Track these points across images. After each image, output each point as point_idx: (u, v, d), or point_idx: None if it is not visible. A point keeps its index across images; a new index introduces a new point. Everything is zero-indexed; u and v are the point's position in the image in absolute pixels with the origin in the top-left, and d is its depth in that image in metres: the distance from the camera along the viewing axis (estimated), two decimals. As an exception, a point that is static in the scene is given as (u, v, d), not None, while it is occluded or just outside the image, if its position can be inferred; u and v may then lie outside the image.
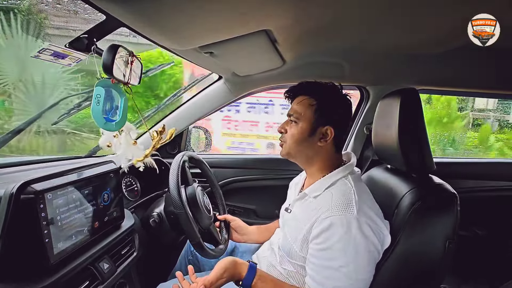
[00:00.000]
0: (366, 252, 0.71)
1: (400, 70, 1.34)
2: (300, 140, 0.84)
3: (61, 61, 0.76)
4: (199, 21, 0.71)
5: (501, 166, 1.71)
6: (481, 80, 1.36)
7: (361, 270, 0.71)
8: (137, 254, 0.93)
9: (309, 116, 0.83)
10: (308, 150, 0.85)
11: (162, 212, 1.02)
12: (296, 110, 0.85)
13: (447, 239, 0.77)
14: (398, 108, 0.85)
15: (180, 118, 1.45)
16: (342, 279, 0.70)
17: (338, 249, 0.70)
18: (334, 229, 0.70)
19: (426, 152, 0.85)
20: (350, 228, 0.69)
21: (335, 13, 0.79)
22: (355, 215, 0.70)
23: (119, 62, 0.71)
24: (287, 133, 0.86)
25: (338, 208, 0.72)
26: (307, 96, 0.85)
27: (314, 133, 0.83)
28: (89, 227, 0.76)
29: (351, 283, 0.70)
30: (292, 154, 0.87)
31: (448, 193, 0.80)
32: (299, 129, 0.84)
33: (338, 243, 0.70)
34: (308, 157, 0.86)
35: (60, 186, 0.68)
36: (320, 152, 0.85)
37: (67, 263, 0.68)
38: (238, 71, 1.26)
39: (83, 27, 0.72)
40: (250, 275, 0.77)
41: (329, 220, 0.72)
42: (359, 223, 0.70)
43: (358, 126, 1.56)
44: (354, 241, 0.69)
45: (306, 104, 0.84)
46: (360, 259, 0.70)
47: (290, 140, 0.85)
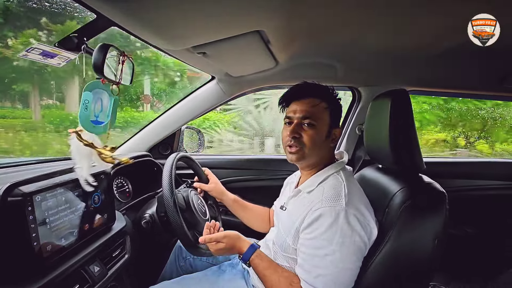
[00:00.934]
0: (352, 243, 0.73)
1: (391, 72, 1.36)
2: (320, 143, 0.85)
3: (50, 61, 0.75)
4: (192, 21, 0.70)
5: (488, 165, 1.75)
6: (469, 81, 1.40)
7: (347, 259, 0.73)
8: (129, 257, 0.91)
9: (326, 120, 0.85)
10: (322, 152, 0.87)
11: (154, 213, 1.01)
12: (313, 113, 0.84)
13: (437, 237, 0.78)
14: (389, 109, 0.87)
15: (172, 118, 1.44)
16: (328, 267, 0.73)
17: (325, 238, 0.73)
18: (322, 219, 0.74)
19: (416, 151, 0.87)
20: (338, 219, 0.73)
21: (327, 15, 0.80)
22: (344, 206, 0.74)
23: (110, 61, 0.70)
24: (304, 138, 0.84)
25: (328, 200, 0.76)
26: (320, 99, 0.85)
27: (329, 136, 0.86)
28: (79, 230, 0.75)
29: (336, 271, 0.73)
30: (310, 159, 0.86)
31: (437, 192, 0.82)
32: (318, 132, 0.84)
33: (325, 232, 0.73)
34: (319, 158, 0.87)
35: (49, 188, 0.67)
36: (328, 153, 0.89)
37: (56, 267, 0.67)
38: (231, 71, 1.26)
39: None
40: (250, 251, 0.84)
41: (319, 211, 0.75)
42: (347, 214, 0.73)
43: (350, 127, 1.58)
44: (341, 231, 0.72)
45: (321, 107, 0.85)
46: (345, 249, 0.73)
47: (311, 144, 0.83)
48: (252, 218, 1.17)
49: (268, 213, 1.19)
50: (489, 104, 3.73)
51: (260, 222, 1.17)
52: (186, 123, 1.50)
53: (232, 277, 0.98)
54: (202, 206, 1.05)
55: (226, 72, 1.27)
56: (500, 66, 1.22)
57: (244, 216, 1.16)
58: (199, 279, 0.99)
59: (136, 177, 1.22)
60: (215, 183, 1.16)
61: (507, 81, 1.25)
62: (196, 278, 1.00)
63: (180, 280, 0.99)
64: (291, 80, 1.39)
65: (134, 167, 1.19)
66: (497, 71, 1.25)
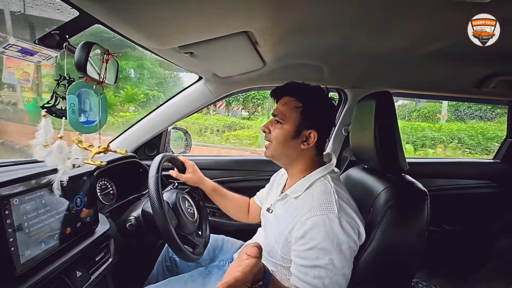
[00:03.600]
0: (348, 248, 0.73)
1: (376, 74, 1.39)
2: (284, 141, 0.84)
3: (30, 58, 0.72)
4: (179, 21, 0.69)
5: (468, 165, 1.83)
6: (449, 84, 1.45)
7: (345, 265, 0.73)
8: (113, 260, 0.89)
9: (294, 119, 0.83)
10: (291, 152, 0.85)
11: (140, 216, 0.98)
12: (281, 111, 0.85)
13: (419, 234, 0.81)
14: (374, 111, 0.89)
15: (159, 119, 1.42)
16: (329, 276, 0.71)
17: (323, 247, 0.71)
18: (317, 229, 0.72)
19: (399, 152, 0.89)
20: (333, 227, 0.71)
21: (314, 16, 0.81)
22: (336, 214, 0.72)
23: (93, 60, 0.68)
24: (271, 134, 0.87)
25: (319, 208, 0.74)
26: (293, 98, 0.85)
27: (298, 136, 0.84)
28: (60, 234, 0.72)
29: (336, 279, 0.72)
30: (276, 156, 0.88)
31: (420, 192, 0.85)
32: (283, 130, 0.84)
33: (322, 242, 0.71)
34: (291, 159, 0.87)
35: (28, 191, 0.64)
36: (302, 155, 0.86)
37: (36, 272, 0.64)
38: (219, 72, 1.26)
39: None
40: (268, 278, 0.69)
41: (311, 221, 0.73)
42: (340, 221, 0.72)
43: (336, 128, 1.61)
44: (337, 238, 0.71)
45: (292, 106, 0.84)
46: (343, 255, 0.72)
47: (275, 141, 0.86)
48: (231, 208, 1.16)
49: (247, 203, 1.18)
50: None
51: (239, 211, 1.16)
52: (172, 124, 1.48)
53: (219, 279, 0.98)
54: (190, 207, 1.03)
55: (214, 73, 1.27)
56: (478, 70, 1.28)
57: (223, 205, 1.14)
58: (185, 281, 0.98)
59: (121, 178, 1.19)
60: (192, 172, 1.09)
61: (484, 84, 1.31)
62: (183, 280, 0.98)
63: (166, 283, 0.97)
64: (279, 81, 1.39)
65: (119, 169, 1.16)
66: (475, 75, 1.30)
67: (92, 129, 0.72)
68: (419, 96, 2.44)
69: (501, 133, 5.53)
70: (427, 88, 1.51)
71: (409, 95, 1.92)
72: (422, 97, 2.49)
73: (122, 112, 6.22)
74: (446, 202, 1.63)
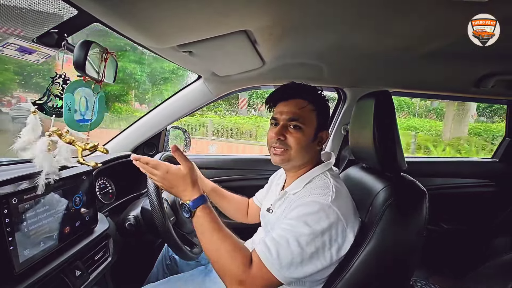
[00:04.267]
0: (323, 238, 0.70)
1: (375, 73, 1.39)
2: (306, 146, 0.83)
3: (28, 57, 0.72)
4: (178, 19, 0.69)
5: (466, 164, 1.83)
6: (448, 83, 1.46)
7: (305, 253, 0.70)
8: (112, 260, 0.89)
9: (313, 122, 0.84)
10: (309, 155, 0.86)
11: (139, 215, 0.98)
12: (300, 115, 0.83)
13: (418, 233, 0.81)
14: (373, 110, 0.89)
15: (158, 118, 1.42)
16: (286, 246, 0.69)
17: (304, 221, 0.70)
18: (306, 206, 0.73)
19: (398, 151, 0.89)
20: (323, 210, 0.71)
21: (313, 16, 0.81)
22: (329, 202, 0.73)
23: (92, 59, 0.68)
24: (289, 140, 0.83)
25: (315, 194, 0.76)
26: (306, 101, 0.84)
27: (316, 138, 0.85)
28: (59, 233, 0.72)
29: (291, 258, 0.69)
30: (296, 161, 0.85)
31: (418, 191, 0.85)
32: (305, 135, 0.83)
33: (305, 216, 0.71)
34: (305, 161, 0.86)
35: (27, 190, 0.64)
36: (314, 155, 0.88)
37: (35, 272, 0.64)
38: (218, 71, 1.26)
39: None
40: (200, 201, 0.75)
41: (304, 200, 0.76)
42: (330, 209, 0.72)
43: (336, 127, 1.61)
44: (319, 222, 0.70)
45: (309, 109, 0.83)
46: (313, 242, 0.69)
47: (297, 146, 0.82)
48: (231, 208, 1.15)
49: (246, 204, 1.18)
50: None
51: (239, 212, 1.16)
52: (172, 123, 1.47)
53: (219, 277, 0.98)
54: None
55: (213, 72, 1.26)
56: (477, 70, 1.28)
57: (222, 205, 1.14)
58: (185, 279, 0.98)
59: (120, 177, 1.19)
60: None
61: (483, 84, 1.31)
62: (183, 279, 0.99)
63: (166, 282, 0.97)
64: (278, 80, 1.40)
65: (118, 168, 1.16)
66: (474, 74, 1.31)
67: (86, 127, 0.72)
68: (418, 96, 2.44)
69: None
70: (426, 87, 1.52)
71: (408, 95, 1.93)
72: (421, 96, 2.49)
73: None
74: (445, 201, 1.64)
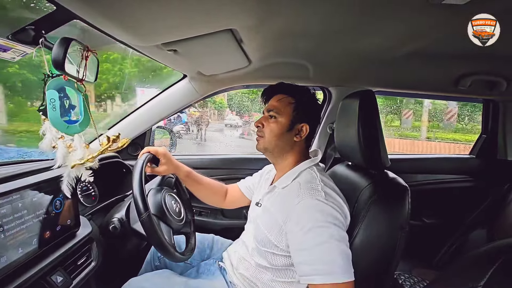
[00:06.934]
0: (340, 223, 0.76)
1: (358, 73, 1.42)
2: (279, 134, 0.89)
3: (3, 55, 0.69)
4: (162, 17, 0.68)
5: (446, 161, 1.90)
6: (429, 83, 1.51)
7: (343, 238, 0.75)
8: (96, 264, 0.87)
9: (288, 113, 0.89)
10: (285, 145, 0.90)
11: (123, 217, 0.96)
12: (276, 106, 0.90)
13: (401, 227, 0.84)
14: (357, 109, 0.91)
15: (143, 118, 1.39)
16: (335, 248, 0.72)
17: (320, 225, 0.73)
18: (309, 210, 0.75)
19: (382, 149, 0.92)
20: (322, 206, 0.75)
21: (298, 15, 0.82)
22: (323, 196, 0.77)
23: (72, 56, 0.65)
24: (265, 128, 0.91)
25: (306, 193, 0.78)
26: (286, 95, 0.91)
27: (292, 129, 0.89)
28: (39, 238, 0.70)
29: (343, 249, 0.73)
30: (269, 148, 0.91)
31: (401, 187, 0.88)
32: (278, 124, 0.89)
33: (318, 220, 0.73)
34: (283, 151, 0.91)
35: (4, 194, 0.61)
36: (294, 147, 0.91)
37: (13, 278, 0.61)
38: (203, 70, 1.24)
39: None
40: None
41: (300, 205, 0.77)
42: (328, 201, 0.76)
43: (321, 126, 1.63)
44: (330, 215, 0.74)
45: (286, 101, 0.90)
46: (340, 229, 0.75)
47: (269, 135, 0.90)
48: (206, 193, 1.16)
49: (224, 189, 1.19)
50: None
51: (214, 196, 1.17)
52: (157, 123, 1.45)
53: (211, 276, 0.98)
54: (176, 205, 1.01)
55: (198, 71, 1.25)
56: (455, 70, 1.34)
57: (196, 190, 1.13)
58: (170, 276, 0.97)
59: (103, 179, 1.15)
60: (166, 163, 1.00)
61: (461, 83, 1.37)
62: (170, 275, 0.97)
63: (161, 273, 0.97)
64: (264, 79, 1.40)
65: (100, 169, 1.13)
66: (452, 74, 1.36)
67: (74, 129, 0.69)
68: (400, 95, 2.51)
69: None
70: (408, 86, 1.56)
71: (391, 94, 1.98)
72: (402, 95, 2.57)
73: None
74: (426, 197, 1.70)
